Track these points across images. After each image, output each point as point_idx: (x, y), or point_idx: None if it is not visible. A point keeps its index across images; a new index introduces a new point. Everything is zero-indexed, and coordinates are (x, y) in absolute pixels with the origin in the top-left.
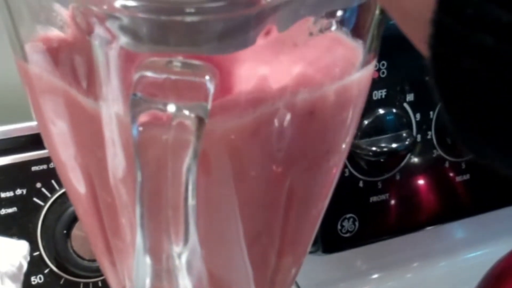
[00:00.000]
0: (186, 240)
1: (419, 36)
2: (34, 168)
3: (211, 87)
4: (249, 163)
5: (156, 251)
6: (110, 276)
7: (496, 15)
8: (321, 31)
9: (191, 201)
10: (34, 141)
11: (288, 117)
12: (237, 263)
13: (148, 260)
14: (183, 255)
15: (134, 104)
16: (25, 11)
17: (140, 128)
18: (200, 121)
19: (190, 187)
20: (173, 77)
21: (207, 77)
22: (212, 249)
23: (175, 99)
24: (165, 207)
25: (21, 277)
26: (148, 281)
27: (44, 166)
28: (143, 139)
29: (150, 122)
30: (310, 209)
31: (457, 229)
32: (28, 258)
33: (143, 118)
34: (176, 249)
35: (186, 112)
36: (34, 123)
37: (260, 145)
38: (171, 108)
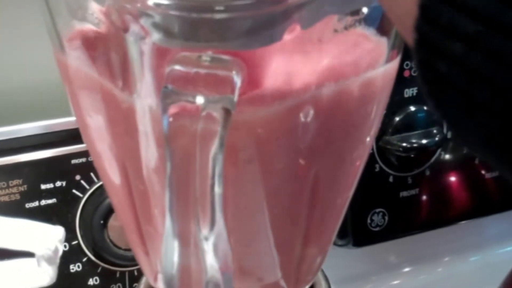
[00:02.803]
0: (212, 225)
1: (409, 38)
2: (73, 161)
3: (238, 80)
4: (276, 155)
5: (184, 235)
6: (143, 263)
7: (464, 25)
8: (346, 28)
9: (217, 189)
10: (74, 135)
11: (313, 110)
12: (264, 250)
13: (176, 243)
14: (210, 239)
15: (165, 96)
16: (63, 8)
17: (170, 119)
18: (227, 112)
19: (216, 176)
20: (202, 71)
21: (234, 71)
22: (239, 237)
23: (203, 91)
24: (193, 194)
25: (57, 260)
26: (176, 262)
27: (83, 159)
28: (173, 130)
29: (180, 113)
30: (335, 199)
31: (489, 224)
32: (63, 242)
33: (173, 109)
34: (203, 233)
35: (214, 104)
36: (74, 118)
37: (286, 137)
38: (200, 100)
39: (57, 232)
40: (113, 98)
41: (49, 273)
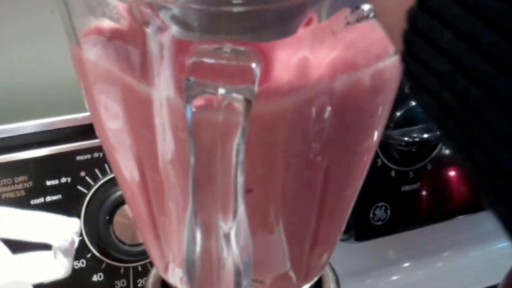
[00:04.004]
0: (235, 214)
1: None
2: (78, 158)
3: (257, 71)
4: (289, 146)
5: (207, 224)
6: (154, 254)
7: (438, 63)
8: (358, 20)
9: (239, 178)
10: (79, 132)
11: (327, 101)
12: (275, 241)
13: (198, 231)
14: (232, 228)
15: (188, 88)
16: (81, 4)
17: (193, 110)
18: (248, 103)
19: (239, 165)
20: (222, 62)
21: (254, 62)
22: (251, 227)
23: (224, 82)
24: (216, 183)
25: (73, 252)
26: (198, 249)
27: (88, 156)
28: (196, 121)
29: (202, 104)
30: (345, 191)
31: (488, 219)
32: (79, 235)
33: (196, 101)
34: (225, 222)
35: (235, 95)
36: (79, 115)
37: (300, 129)
38: (221, 90)
39: (73, 224)
40: (131, 91)
41: (64, 265)
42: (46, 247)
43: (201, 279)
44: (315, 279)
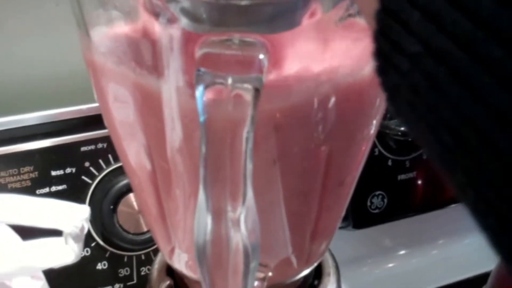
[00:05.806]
0: (244, 199)
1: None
2: (83, 149)
3: (265, 61)
4: (293, 137)
5: (217, 210)
6: (160, 240)
7: (409, 44)
8: (359, 13)
9: (248, 165)
10: (83, 123)
11: (330, 92)
12: (277, 228)
13: (209, 216)
14: (242, 213)
15: (199, 78)
16: None
17: (204, 99)
18: (257, 92)
19: (248, 152)
20: (231, 53)
21: (261, 53)
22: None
23: (233, 73)
24: (226, 170)
25: (83, 237)
26: (208, 233)
27: (93, 147)
28: (207, 110)
29: (213, 94)
30: (344, 179)
31: None
32: (89, 221)
33: (207, 91)
34: (235, 208)
35: (244, 84)
36: (84, 107)
37: (304, 120)
38: (231, 81)
39: (83, 210)
40: (141, 81)
41: (74, 251)
42: (57, 233)
43: (211, 262)
44: (315, 264)
